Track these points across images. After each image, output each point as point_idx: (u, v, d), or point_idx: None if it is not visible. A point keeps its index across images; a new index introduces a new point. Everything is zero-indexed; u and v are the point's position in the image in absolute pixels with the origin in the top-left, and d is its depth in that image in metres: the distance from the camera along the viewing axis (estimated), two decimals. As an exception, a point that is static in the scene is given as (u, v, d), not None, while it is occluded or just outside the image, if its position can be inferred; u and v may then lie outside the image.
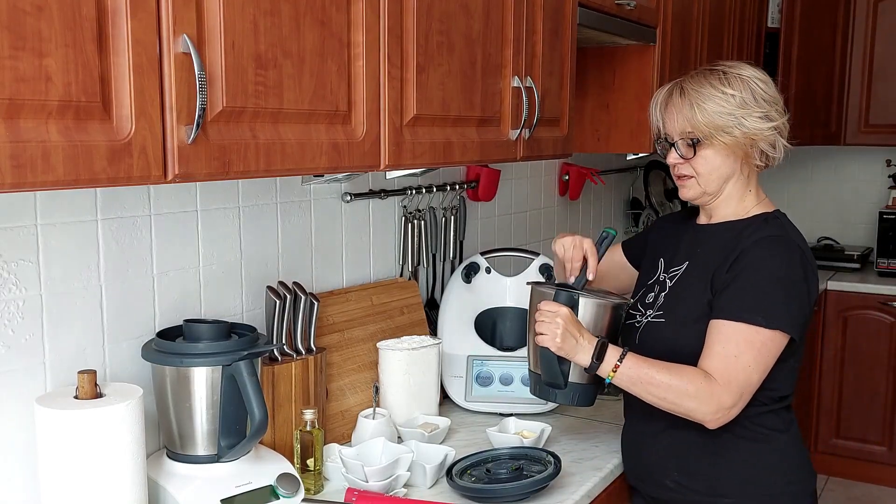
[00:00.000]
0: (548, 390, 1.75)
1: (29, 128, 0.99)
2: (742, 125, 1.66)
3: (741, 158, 1.71)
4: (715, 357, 1.62)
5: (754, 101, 1.67)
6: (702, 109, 1.67)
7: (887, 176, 4.51)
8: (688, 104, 1.69)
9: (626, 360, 1.64)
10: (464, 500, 1.66)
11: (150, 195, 1.61)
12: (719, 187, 1.74)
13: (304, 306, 1.79)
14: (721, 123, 1.67)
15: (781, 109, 1.72)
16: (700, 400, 1.60)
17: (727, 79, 1.69)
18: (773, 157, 1.73)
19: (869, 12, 4.25)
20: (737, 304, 1.62)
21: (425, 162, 1.65)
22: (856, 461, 4.17)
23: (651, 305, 1.81)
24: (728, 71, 1.70)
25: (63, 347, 1.47)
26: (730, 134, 1.67)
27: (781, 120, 1.71)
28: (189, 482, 1.49)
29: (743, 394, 1.61)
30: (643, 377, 1.64)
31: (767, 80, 1.72)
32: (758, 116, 1.67)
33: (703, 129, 1.68)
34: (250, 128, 1.27)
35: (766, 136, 1.69)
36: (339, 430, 1.92)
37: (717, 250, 1.73)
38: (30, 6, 0.97)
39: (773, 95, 1.71)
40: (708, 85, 1.68)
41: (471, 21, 1.72)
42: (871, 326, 4.10)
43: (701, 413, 1.61)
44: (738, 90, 1.67)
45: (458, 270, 2.31)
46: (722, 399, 1.60)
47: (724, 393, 1.59)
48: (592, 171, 3.13)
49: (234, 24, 1.21)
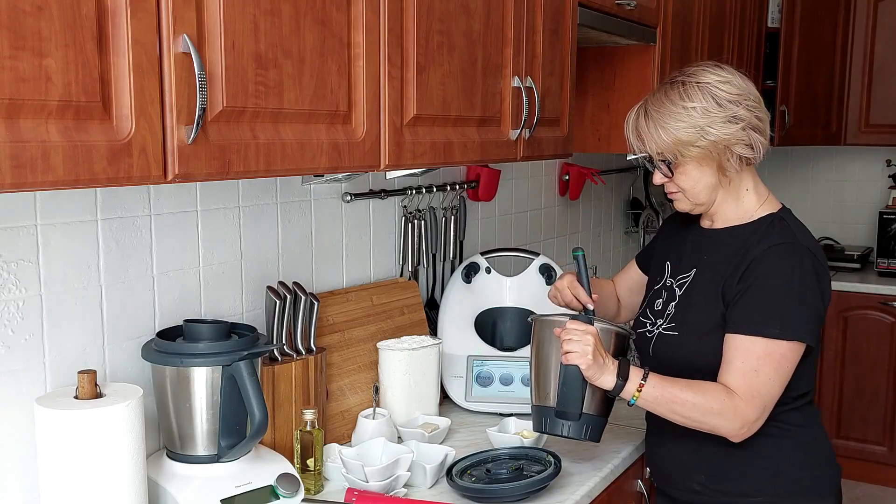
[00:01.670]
0: (558, 423, 1.70)
1: (29, 128, 0.99)
2: (708, 135, 1.62)
3: (721, 165, 1.66)
4: (735, 372, 1.60)
5: (717, 107, 1.62)
6: (665, 130, 1.65)
7: (887, 176, 4.51)
8: (652, 126, 1.67)
9: (650, 380, 1.62)
10: (464, 500, 1.66)
11: (150, 195, 1.61)
12: (709, 197, 1.72)
13: (304, 306, 1.79)
14: (686, 138, 1.63)
15: (753, 103, 1.65)
16: (725, 417, 1.60)
17: (686, 91, 1.65)
18: (754, 157, 1.68)
19: (869, 12, 4.24)
20: (751, 318, 1.61)
21: (425, 162, 1.65)
22: (856, 461, 4.17)
23: (661, 314, 1.79)
24: (687, 81, 1.66)
25: (63, 347, 1.47)
26: (697, 146, 1.64)
27: (752, 115, 1.64)
28: (189, 482, 1.49)
29: (766, 407, 1.61)
30: (667, 396, 1.62)
31: (731, 78, 1.66)
32: (722, 121, 1.62)
33: (672, 148, 1.66)
34: (250, 128, 1.27)
35: (738, 139, 1.63)
36: (339, 430, 1.92)
37: (724, 259, 1.71)
38: (30, 6, 0.96)
39: (738, 93, 1.64)
40: (668, 102, 1.65)
41: (471, 21, 1.72)
42: (871, 326, 4.10)
43: (726, 429, 1.61)
44: (697, 101, 1.63)
45: (458, 270, 2.31)
46: (746, 415, 1.60)
47: (748, 408, 1.59)
48: (592, 171, 3.13)
49: (235, 24, 1.21)
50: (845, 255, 4.44)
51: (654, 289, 1.87)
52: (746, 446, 1.67)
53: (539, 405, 1.74)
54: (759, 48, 3.83)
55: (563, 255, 3.18)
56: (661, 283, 1.85)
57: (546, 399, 1.72)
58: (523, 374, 2.17)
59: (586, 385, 1.66)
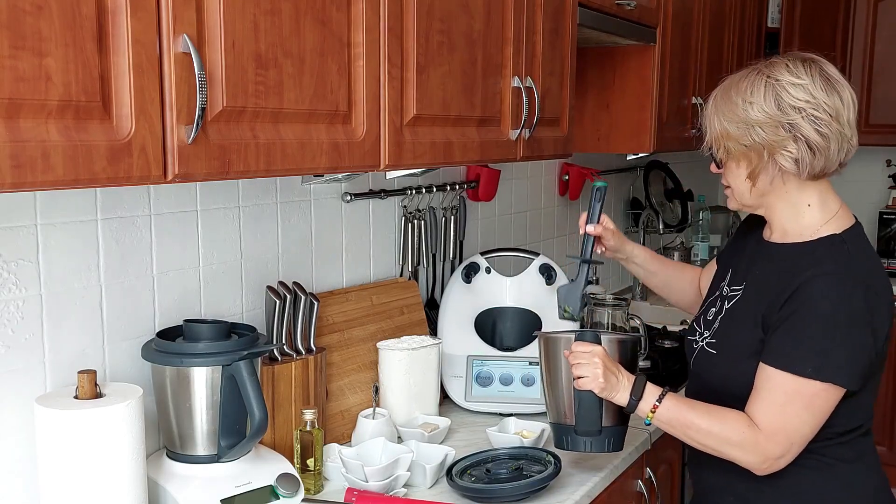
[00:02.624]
0: (580, 440, 1.65)
1: (29, 127, 0.99)
2: (754, 135, 1.52)
3: (754, 172, 1.55)
4: (761, 404, 1.51)
5: (777, 110, 1.50)
6: (719, 118, 1.57)
7: (887, 176, 4.51)
8: (713, 111, 1.59)
9: (665, 401, 1.56)
10: (464, 500, 1.66)
11: (150, 195, 1.61)
12: (756, 201, 1.60)
13: (304, 306, 1.79)
14: (733, 133, 1.54)
15: (821, 116, 1.50)
16: (744, 450, 1.51)
17: (754, 83, 1.53)
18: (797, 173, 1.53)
19: (869, 12, 4.24)
20: (787, 351, 1.49)
21: (425, 162, 1.65)
22: (856, 461, 4.16)
23: (709, 325, 1.69)
24: (762, 72, 1.55)
25: (63, 347, 1.47)
26: (741, 143, 1.53)
27: (812, 128, 1.49)
28: (189, 482, 1.49)
29: (793, 444, 1.50)
30: (682, 420, 1.56)
31: (806, 83, 1.52)
32: (775, 125, 1.50)
33: (719, 138, 1.58)
34: (250, 128, 1.27)
35: (784, 148, 1.51)
36: (339, 430, 1.92)
37: (772, 279, 1.57)
38: (30, 5, 0.96)
39: (807, 101, 1.50)
40: (734, 92, 1.55)
41: (471, 21, 1.72)
42: (871, 326, 4.10)
43: (746, 462, 1.52)
44: (758, 97, 1.51)
45: (458, 270, 2.31)
46: (768, 450, 1.50)
47: (770, 445, 1.49)
48: (592, 171, 3.13)
49: (235, 24, 1.21)
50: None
51: (713, 294, 1.75)
52: (781, 475, 1.55)
53: (557, 423, 1.70)
54: (759, 48, 3.83)
55: (563, 255, 3.18)
56: (718, 291, 1.73)
57: (563, 417, 1.68)
58: (523, 374, 2.17)
59: (602, 402, 1.62)
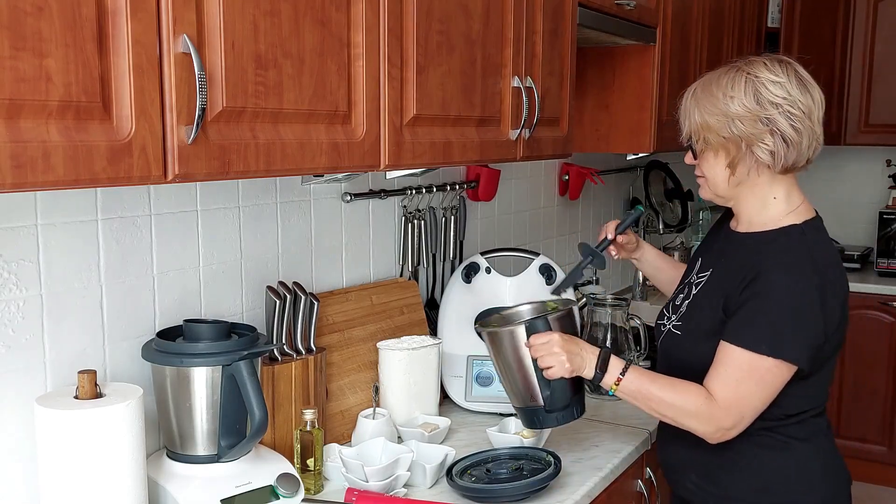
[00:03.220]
0: (550, 417, 1.73)
1: (29, 128, 0.99)
2: (734, 127, 1.60)
3: (734, 162, 1.63)
4: (718, 379, 1.60)
5: (756, 105, 1.59)
6: (699, 110, 1.64)
7: (887, 176, 4.51)
8: (693, 104, 1.66)
9: (629, 374, 1.65)
10: (464, 500, 1.66)
11: (151, 195, 1.61)
12: (728, 191, 1.68)
13: (304, 306, 1.79)
14: (713, 124, 1.62)
15: (796, 113, 1.59)
16: (699, 420, 1.61)
17: (735, 79, 1.61)
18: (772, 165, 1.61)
19: (869, 12, 4.24)
20: (744, 330, 1.58)
21: (425, 162, 1.66)
22: (856, 461, 4.16)
23: (676, 310, 1.79)
24: (742, 69, 1.62)
25: (63, 347, 1.48)
26: (720, 135, 1.62)
27: (788, 124, 1.59)
28: (189, 482, 1.50)
29: (744, 416, 1.59)
30: (644, 392, 1.64)
31: (783, 81, 1.60)
32: (753, 119, 1.59)
33: (698, 130, 1.65)
34: (250, 128, 1.27)
35: (762, 141, 1.59)
36: (339, 429, 1.92)
37: (735, 265, 1.67)
38: (30, 6, 0.97)
39: (783, 97, 1.59)
40: (715, 86, 1.63)
41: (471, 21, 1.73)
42: (871, 326, 4.10)
43: (701, 431, 1.62)
44: (739, 92, 1.59)
45: (458, 270, 2.31)
46: (721, 421, 1.59)
47: (723, 415, 1.59)
48: (592, 171, 3.13)
49: (234, 25, 1.21)
50: (845, 255, 4.43)
51: (683, 282, 1.85)
52: (738, 453, 1.67)
53: (524, 407, 1.76)
54: (758, 48, 3.83)
55: (563, 255, 3.18)
56: (688, 279, 1.83)
57: (529, 401, 1.74)
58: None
59: (569, 381, 1.71)
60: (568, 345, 1.67)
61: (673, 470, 1.83)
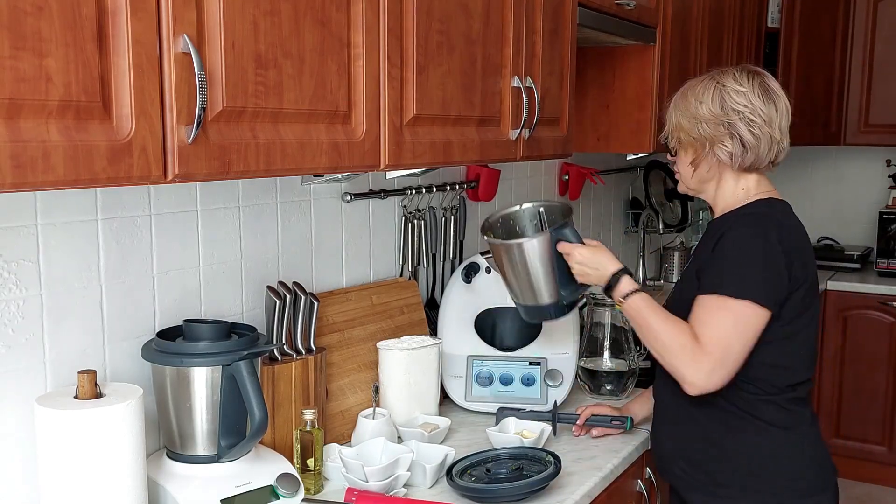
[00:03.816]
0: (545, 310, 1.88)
1: (29, 128, 0.99)
2: (700, 128, 1.76)
3: (696, 160, 1.80)
4: (699, 323, 1.69)
5: (720, 111, 1.75)
6: (675, 113, 1.82)
7: (887, 176, 4.51)
8: (672, 108, 1.84)
9: (634, 297, 1.75)
10: (464, 500, 1.66)
11: (151, 195, 1.61)
12: (697, 186, 1.85)
13: (304, 306, 1.79)
14: (685, 125, 1.79)
15: (756, 120, 1.74)
16: (680, 360, 1.68)
17: (706, 88, 1.78)
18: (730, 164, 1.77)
19: (869, 12, 4.25)
20: (713, 280, 1.70)
21: (425, 162, 1.66)
22: (856, 461, 4.17)
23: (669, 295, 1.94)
24: (714, 78, 1.79)
25: (63, 347, 1.48)
26: (690, 135, 1.79)
27: (747, 129, 1.74)
28: (189, 482, 1.50)
29: (724, 361, 1.65)
30: (640, 319, 1.75)
31: (746, 91, 1.75)
32: (717, 123, 1.75)
33: (674, 130, 1.83)
34: (250, 128, 1.27)
35: (722, 143, 1.75)
36: (339, 430, 1.92)
37: (708, 242, 1.79)
38: (30, 6, 0.97)
39: (745, 106, 1.74)
40: (691, 93, 1.80)
41: (471, 21, 1.73)
42: (870, 326, 4.11)
43: (680, 374, 1.68)
44: (707, 99, 1.76)
45: (458, 270, 2.31)
46: (701, 361, 1.66)
47: (704, 356, 1.66)
48: (592, 171, 3.13)
49: (234, 25, 1.21)
50: (845, 255, 4.44)
51: None
52: (722, 438, 1.75)
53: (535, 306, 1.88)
54: (758, 48, 3.83)
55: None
56: None
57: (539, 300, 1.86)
58: (523, 374, 2.17)
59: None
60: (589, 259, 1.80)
61: (662, 458, 1.90)
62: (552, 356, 2.19)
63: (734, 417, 1.74)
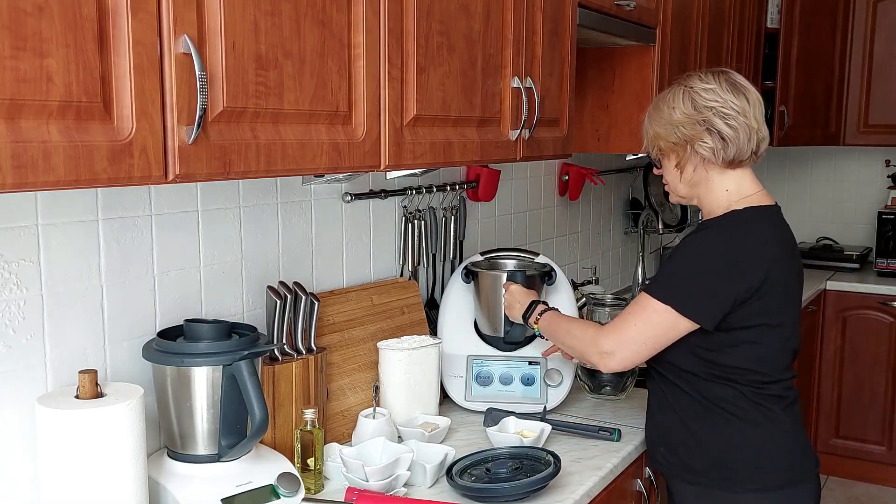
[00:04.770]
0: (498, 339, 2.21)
1: (30, 128, 0.99)
2: (678, 132, 1.80)
3: (681, 163, 1.82)
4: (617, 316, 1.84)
5: (693, 111, 1.78)
6: (651, 123, 1.86)
7: (886, 176, 4.52)
8: (647, 120, 1.88)
9: (546, 316, 1.99)
10: (464, 499, 1.67)
11: (151, 195, 1.61)
12: (687, 191, 1.87)
13: (305, 306, 1.80)
14: (662, 133, 1.82)
15: (730, 112, 1.76)
16: (585, 346, 1.85)
17: (675, 93, 1.82)
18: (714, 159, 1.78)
19: (868, 13, 4.25)
20: (652, 281, 1.80)
21: (425, 162, 1.66)
22: (855, 461, 4.17)
23: None
24: (681, 83, 1.83)
25: (64, 347, 1.48)
26: (669, 140, 1.82)
27: (723, 123, 1.76)
28: (189, 482, 1.50)
29: (622, 344, 1.78)
30: (554, 326, 1.97)
31: (714, 87, 1.78)
32: (693, 122, 1.77)
33: (653, 140, 1.86)
34: (251, 128, 1.27)
35: (702, 140, 1.77)
36: (340, 429, 1.92)
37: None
38: (30, 6, 0.97)
39: (716, 101, 1.77)
40: (662, 102, 1.84)
41: (471, 21, 1.73)
42: (870, 326, 4.11)
43: (588, 355, 1.85)
44: (678, 103, 1.80)
45: (458, 270, 2.31)
46: (599, 342, 1.81)
47: (602, 338, 1.80)
48: (592, 172, 3.13)
49: (235, 25, 1.22)
50: (844, 255, 4.44)
51: None
52: (697, 428, 1.82)
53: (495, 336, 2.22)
54: (758, 48, 3.83)
55: (563, 255, 3.18)
56: None
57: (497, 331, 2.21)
58: (523, 374, 2.17)
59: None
60: (516, 295, 2.08)
61: (648, 443, 1.98)
62: (552, 356, 2.20)
63: (706, 408, 1.80)
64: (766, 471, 1.79)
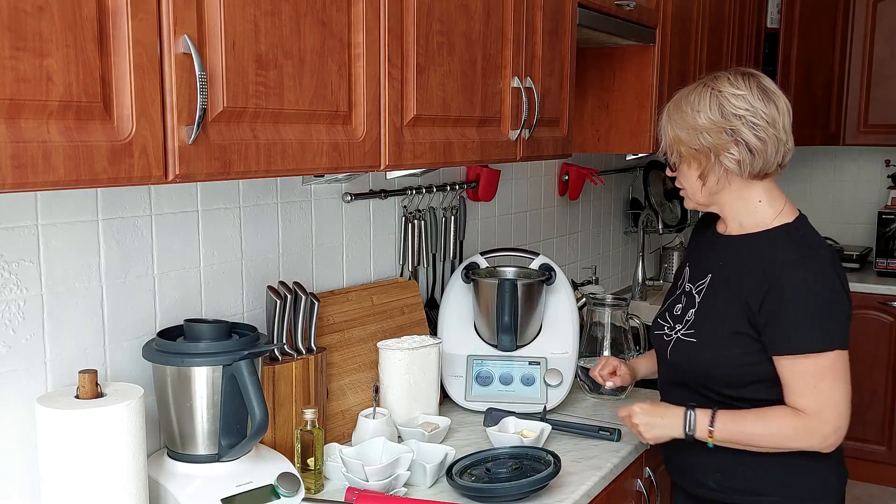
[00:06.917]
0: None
1: (30, 128, 0.99)
2: (702, 139, 1.69)
3: (704, 173, 1.72)
4: (797, 393, 1.66)
5: (720, 118, 1.68)
6: (672, 126, 1.74)
7: (886, 176, 4.52)
8: (666, 120, 1.77)
9: (718, 422, 1.70)
10: (464, 499, 1.67)
11: (151, 195, 1.61)
12: (707, 199, 1.78)
13: (305, 306, 1.80)
14: (684, 137, 1.72)
15: (759, 123, 1.67)
16: (801, 439, 1.67)
17: (702, 95, 1.71)
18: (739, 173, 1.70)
19: (868, 13, 4.25)
20: (792, 337, 1.65)
21: (425, 162, 1.66)
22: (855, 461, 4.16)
23: (679, 319, 1.84)
24: (708, 84, 1.72)
25: (64, 347, 1.48)
26: (691, 147, 1.71)
27: (752, 134, 1.67)
28: (190, 481, 1.50)
29: (840, 413, 1.65)
30: (739, 436, 1.70)
31: (745, 94, 1.68)
32: (719, 131, 1.68)
33: (672, 143, 1.75)
34: (251, 128, 1.27)
35: (728, 151, 1.68)
36: (340, 429, 1.92)
37: (742, 267, 1.73)
38: (30, 6, 0.97)
39: (746, 109, 1.67)
40: (685, 103, 1.73)
41: (471, 21, 1.73)
42: (870, 326, 4.11)
43: (809, 446, 1.67)
44: (705, 107, 1.69)
45: (458, 270, 2.31)
46: (822, 430, 1.65)
47: (820, 423, 1.65)
48: (592, 172, 3.14)
49: (235, 25, 1.22)
50: (844, 255, 4.44)
51: (674, 293, 1.92)
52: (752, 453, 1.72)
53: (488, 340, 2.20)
54: (758, 48, 3.83)
55: (563, 255, 3.19)
56: (680, 289, 1.89)
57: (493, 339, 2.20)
58: (523, 374, 2.17)
59: None
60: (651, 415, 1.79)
61: (692, 473, 1.85)
62: (552, 356, 2.20)
63: None
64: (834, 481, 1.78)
